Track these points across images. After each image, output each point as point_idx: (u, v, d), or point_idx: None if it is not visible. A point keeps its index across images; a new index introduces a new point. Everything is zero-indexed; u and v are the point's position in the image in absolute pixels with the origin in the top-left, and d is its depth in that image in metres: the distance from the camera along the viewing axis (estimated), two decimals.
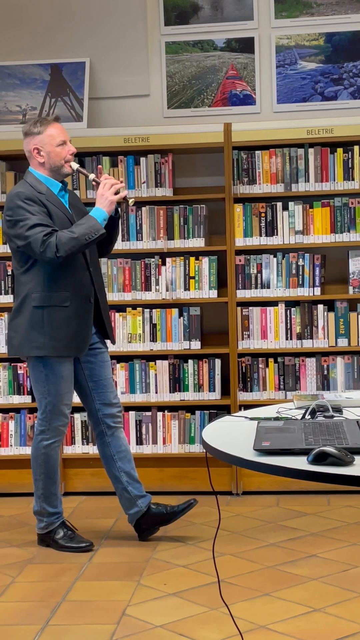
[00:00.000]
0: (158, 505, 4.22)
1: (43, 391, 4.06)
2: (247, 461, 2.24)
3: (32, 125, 4.06)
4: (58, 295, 3.98)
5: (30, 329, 3.99)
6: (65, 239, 3.86)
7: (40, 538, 4.22)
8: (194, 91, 5.22)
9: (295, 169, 4.90)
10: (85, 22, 5.22)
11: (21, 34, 5.25)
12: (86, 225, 3.91)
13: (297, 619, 3.31)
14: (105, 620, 3.36)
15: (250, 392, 4.94)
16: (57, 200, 4.04)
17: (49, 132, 4.02)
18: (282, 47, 5.15)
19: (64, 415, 4.11)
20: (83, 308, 4.02)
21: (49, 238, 3.85)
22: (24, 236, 3.90)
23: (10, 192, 4.03)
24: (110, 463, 4.18)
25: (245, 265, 4.93)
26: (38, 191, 3.99)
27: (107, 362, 4.19)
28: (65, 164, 4.04)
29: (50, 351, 3.98)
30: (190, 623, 3.31)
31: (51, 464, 4.13)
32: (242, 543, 4.16)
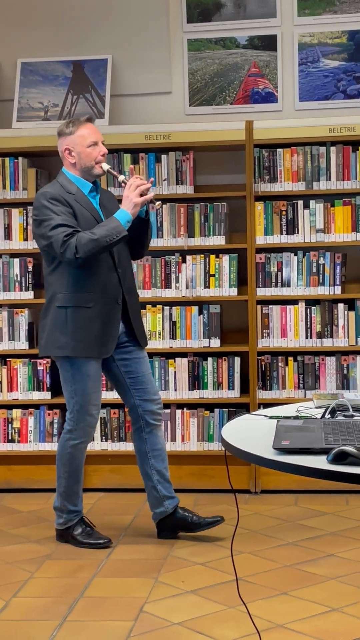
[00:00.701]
0: (185, 510, 4.22)
1: (70, 390, 4.07)
2: (267, 460, 2.24)
3: (64, 125, 4.06)
4: (82, 296, 3.97)
5: (53, 329, 4.00)
6: (85, 240, 3.84)
7: (58, 534, 4.24)
8: (216, 89, 5.22)
9: (317, 167, 4.89)
10: (108, 20, 5.23)
11: (44, 31, 5.26)
12: (108, 227, 3.89)
13: (314, 618, 3.30)
14: (123, 617, 3.37)
15: (269, 391, 4.93)
16: (86, 201, 4.02)
17: (80, 132, 4.02)
18: (305, 45, 5.14)
19: (91, 415, 4.11)
20: (109, 309, 4.00)
21: (69, 239, 3.85)
22: (46, 236, 3.90)
23: (39, 191, 4.04)
24: (143, 459, 4.18)
25: (265, 263, 4.92)
26: (68, 191, 3.98)
27: (144, 358, 4.16)
28: (95, 165, 4.03)
29: (71, 352, 3.99)
30: (208, 621, 3.31)
31: (76, 463, 4.14)
32: (260, 541, 4.16)
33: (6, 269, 5.06)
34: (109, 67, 5.15)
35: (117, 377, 4.16)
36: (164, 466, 4.19)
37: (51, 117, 5.13)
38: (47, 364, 5.05)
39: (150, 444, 4.16)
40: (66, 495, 4.16)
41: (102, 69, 5.16)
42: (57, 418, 5.04)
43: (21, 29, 5.27)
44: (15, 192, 5.05)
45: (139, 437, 4.18)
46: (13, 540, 4.29)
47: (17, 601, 3.56)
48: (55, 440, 5.03)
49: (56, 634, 3.24)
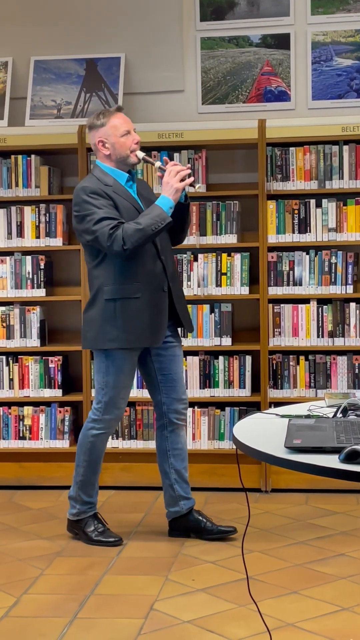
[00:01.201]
0: (200, 514, 4.22)
1: (102, 382, 4.07)
2: (278, 459, 2.23)
3: (94, 118, 4.04)
4: (130, 287, 3.96)
5: (103, 322, 3.98)
6: (131, 231, 3.82)
7: (70, 524, 4.23)
8: (229, 87, 5.21)
9: (329, 166, 4.88)
10: (121, 18, 5.23)
11: (57, 29, 5.27)
12: (151, 215, 3.87)
13: (325, 617, 3.30)
14: (133, 614, 3.37)
15: (280, 390, 4.93)
16: (124, 191, 4.01)
17: (112, 122, 4.01)
18: (318, 44, 5.13)
19: (118, 409, 4.11)
20: (156, 298, 4.00)
21: (115, 231, 3.83)
22: (91, 230, 3.89)
23: (76, 187, 4.02)
24: (163, 457, 4.18)
25: (277, 262, 4.92)
26: (105, 183, 3.96)
27: (179, 356, 4.16)
28: (130, 154, 4.02)
29: (122, 343, 3.97)
30: (218, 619, 3.31)
31: (96, 453, 4.14)
32: (271, 540, 4.16)
33: (18, 267, 5.07)
34: (122, 65, 5.15)
35: (149, 371, 4.15)
36: (183, 466, 4.19)
37: (64, 115, 5.14)
38: (59, 361, 5.06)
39: (172, 443, 4.17)
40: (82, 485, 4.16)
41: (115, 67, 5.17)
42: (68, 415, 5.05)
43: (34, 27, 5.28)
44: (28, 190, 5.06)
45: (161, 435, 4.18)
46: (24, 537, 4.30)
47: (28, 598, 3.57)
48: (67, 437, 5.04)
49: (66, 631, 3.24)
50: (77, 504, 4.19)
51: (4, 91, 5.21)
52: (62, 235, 5.06)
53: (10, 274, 5.07)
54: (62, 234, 5.06)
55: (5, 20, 5.31)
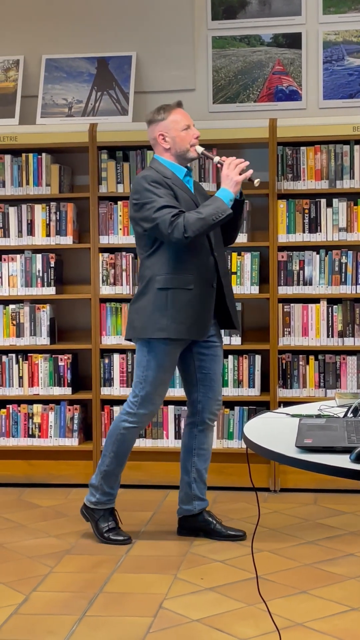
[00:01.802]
0: (210, 515, 4.21)
1: (141, 376, 4.06)
2: (289, 458, 2.23)
3: (155, 112, 4.07)
4: (182, 278, 3.96)
5: (153, 311, 3.96)
6: (193, 220, 3.83)
7: (85, 508, 4.21)
8: (240, 86, 5.21)
9: (340, 165, 4.87)
10: (133, 16, 5.23)
11: (68, 27, 5.28)
12: (213, 205, 3.87)
13: (334, 617, 3.30)
14: (142, 612, 3.38)
15: (290, 389, 4.93)
16: (183, 185, 4.02)
17: (173, 117, 4.03)
18: (330, 43, 5.12)
19: (154, 404, 4.10)
20: (206, 292, 4.00)
21: (176, 219, 3.83)
22: (151, 218, 3.89)
23: (137, 176, 4.02)
24: (187, 454, 4.18)
25: (287, 261, 4.92)
26: (164, 175, 3.98)
27: (220, 356, 4.17)
28: (190, 148, 4.04)
29: (172, 333, 3.96)
30: (227, 618, 3.31)
31: (125, 445, 4.13)
32: (280, 540, 4.16)
33: (29, 265, 5.07)
34: (133, 64, 5.15)
35: (189, 368, 4.15)
36: (205, 467, 4.19)
37: (75, 114, 5.14)
38: (69, 359, 5.07)
39: (199, 442, 4.17)
40: (106, 475, 4.14)
41: (126, 66, 5.17)
42: (77, 414, 5.06)
43: (46, 25, 5.29)
44: (39, 188, 5.07)
45: (190, 432, 4.18)
46: (33, 535, 4.31)
47: (37, 595, 3.57)
48: (76, 435, 5.05)
49: (76, 628, 3.25)
50: (97, 492, 4.17)
51: (15, 89, 5.21)
52: (73, 234, 5.06)
53: (21, 272, 5.08)
54: (73, 232, 5.06)
55: (17, 19, 5.32)
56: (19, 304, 5.10)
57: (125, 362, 5.03)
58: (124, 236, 5.02)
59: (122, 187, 5.00)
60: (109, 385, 5.05)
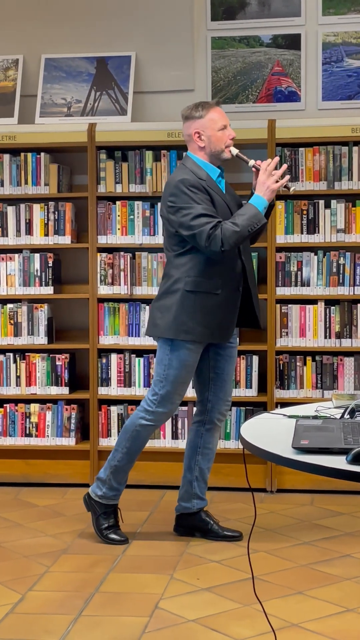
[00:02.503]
0: (207, 515, 4.22)
1: (162, 374, 4.04)
2: (286, 459, 2.24)
3: (193, 109, 4.03)
4: (211, 282, 3.95)
5: (180, 312, 3.94)
6: (230, 232, 3.81)
7: (89, 498, 4.18)
8: (239, 87, 5.22)
9: (339, 167, 4.88)
10: (132, 16, 5.23)
11: (68, 27, 5.28)
12: (248, 215, 3.85)
13: (330, 618, 3.30)
14: (138, 612, 3.38)
15: (287, 390, 4.93)
16: (217, 187, 4.00)
17: (211, 116, 4.00)
18: (329, 44, 5.13)
19: (172, 403, 4.08)
20: (232, 297, 4.00)
21: (214, 231, 3.81)
22: (188, 225, 3.86)
23: (173, 177, 3.97)
24: (192, 452, 4.19)
25: (285, 262, 4.92)
26: (199, 177, 3.94)
27: (234, 357, 4.17)
28: (225, 149, 4.01)
29: (196, 337, 3.95)
30: (223, 618, 3.31)
31: (138, 443, 4.11)
32: (276, 540, 4.16)
33: (27, 264, 5.08)
34: (133, 64, 5.16)
35: (202, 367, 4.14)
36: (208, 467, 4.20)
37: (74, 113, 5.15)
38: (66, 359, 5.07)
39: (205, 441, 4.17)
40: (116, 470, 4.13)
41: (125, 66, 5.17)
42: (74, 413, 5.06)
43: (45, 25, 5.29)
44: (37, 188, 5.07)
45: (197, 431, 4.18)
46: (29, 534, 4.31)
47: (33, 595, 3.58)
48: (73, 435, 5.05)
49: (72, 628, 3.25)
50: (104, 486, 4.15)
51: (15, 89, 5.22)
52: (71, 233, 5.06)
53: (19, 271, 5.08)
54: (71, 232, 5.06)
55: (17, 18, 5.32)
56: (17, 304, 5.10)
57: (123, 362, 5.03)
58: (122, 236, 5.02)
59: (120, 187, 5.01)
60: (106, 385, 5.05)
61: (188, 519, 4.22)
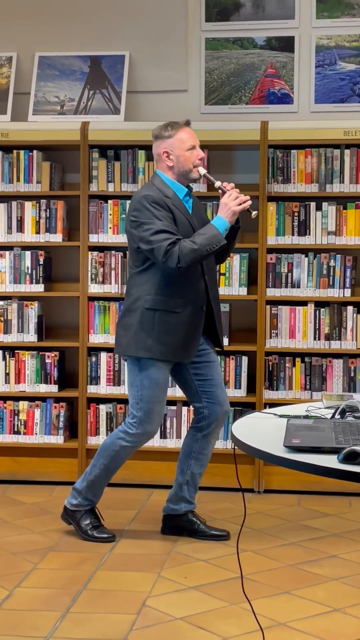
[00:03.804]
0: (195, 516, 4.23)
1: (137, 396, 4.05)
2: (277, 457, 2.25)
3: (162, 129, 4.06)
4: (171, 301, 3.96)
5: (139, 330, 3.97)
6: (187, 250, 3.82)
7: (66, 512, 4.22)
8: (232, 88, 5.23)
9: (331, 169, 4.90)
10: (126, 16, 5.24)
11: (62, 25, 5.28)
12: (208, 235, 3.87)
13: (316, 617, 3.32)
14: (126, 610, 3.39)
15: (276, 391, 4.95)
16: (182, 206, 4.02)
17: (180, 136, 4.02)
18: (322, 47, 5.15)
19: (152, 425, 4.07)
20: (195, 315, 4.00)
21: (172, 247, 3.82)
22: (147, 240, 3.88)
23: (138, 193, 4.00)
24: (186, 456, 4.19)
25: (276, 263, 4.94)
26: (165, 195, 3.97)
27: (215, 362, 4.17)
28: (193, 169, 4.03)
29: (155, 354, 3.96)
30: (210, 617, 3.33)
31: (117, 461, 4.14)
32: (263, 540, 4.17)
33: (17, 261, 5.08)
34: (126, 64, 5.17)
35: (186, 380, 4.15)
36: (200, 472, 4.21)
37: (67, 112, 5.15)
38: (55, 357, 5.07)
39: (200, 447, 4.18)
40: (92, 485, 4.15)
41: (119, 65, 5.18)
42: (63, 411, 5.06)
43: (39, 23, 5.29)
44: (29, 185, 5.07)
45: (193, 436, 4.19)
46: (17, 531, 4.31)
47: (21, 591, 3.58)
48: (61, 433, 5.05)
49: (59, 624, 3.26)
50: (79, 496, 4.19)
51: (8, 86, 5.22)
52: (62, 232, 5.07)
53: (9, 268, 5.08)
54: (62, 230, 5.07)
55: (11, 16, 5.32)
56: (7, 301, 5.10)
57: (112, 361, 5.04)
58: (113, 235, 5.03)
59: (112, 186, 5.01)
60: (95, 384, 5.05)
61: (175, 520, 4.23)
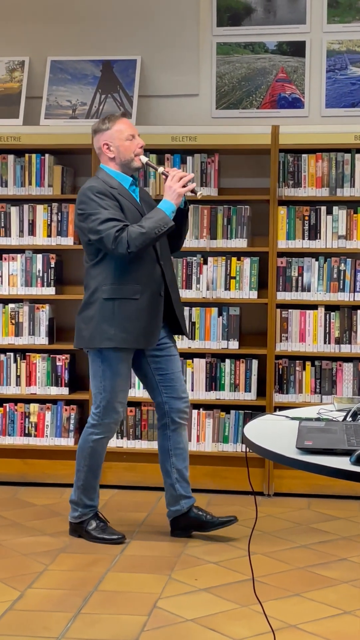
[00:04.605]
0: (199, 510, 4.25)
1: (99, 386, 4.11)
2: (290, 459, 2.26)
3: (100, 122, 4.13)
4: (128, 288, 4.01)
5: (101, 321, 4.02)
6: (136, 234, 3.88)
7: (72, 527, 4.27)
8: (243, 92, 5.25)
9: (341, 173, 4.91)
10: (138, 21, 5.27)
11: (74, 30, 5.31)
12: (155, 218, 3.94)
13: (327, 620, 3.33)
14: (137, 611, 3.40)
15: (286, 394, 4.96)
16: (129, 194, 4.07)
17: (117, 127, 4.08)
18: (333, 52, 5.16)
19: (116, 412, 4.14)
20: (153, 301, 4.05)
21: (120, 234, 3.89)
22: (95, 230, 3.94)
23: (83, 187, 4.07)
24: (165, 456, 4.22)
25: (286, 267, 4.95)
26: (110, 186, 4.03)
27: (175, 356, 4.21)
28: (135, 158, 4.09)
29: (119, 342, 4.01)
30: (221, 618, 3.34)
31: (96, 458, 4.18)
32: (274, 543, 4.18)
33: (29, 264, 5.10)
34: (138, 68, 5.19)
35: (146, 373, 4.20)
36: (184, 465, 4.22)
37: (79, 116, 5.18)
38: (66, 359, 5.09)
39: (174, 442, 4.20)
40: (84, 489, 4.20)
41: (131, 70, 5.20)
42: (74, 414, 5.08)
43: (52, 27, 5.32)
44: (41, 189, 5.10)
45: (163, 434, 4.22)
46: (28, 533, 4.33)
47: (32, 592, 3.60)
48: (72, 435, 5.07)
49: (71, 625, 3.27)
50: (78, 507, 4.23)
51: (20, 90, 5.24)
52: (73, 235, 5.09)
53: (21, 271, 5.11)
54: (73, 233, 5.09)
55: (23, 20, 5.35)
56: (19, 304, 5.12)
57: None
58: None
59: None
60: None
61: (181, 519, 4.24)
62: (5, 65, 5.31)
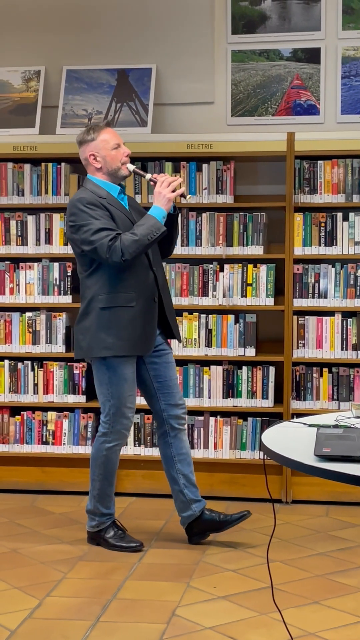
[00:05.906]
0: (212, 511, 4.25)
1: (107, 393, 4.12)
2: (309, 466, 2.26)
3: (84, 133, 4.17)
4: (123, 296, 4.05)
5: (98, 331, 4.05)
6: (129, 242, 3.93)
7: (90, 536, 4.27)
8: (258, 100, 5.25)
9: (357, 179, 4.90)
10: (153, 29, 5.28)
11: (90, 39, 5.33)
12: (146, 225, 3.98)
13: (346, 627, 3.32)
14: (156, 619, 3.40)
15: (303, 401, 4.95)
16: (118, 203, 4.12)
17: (102, 137, 4.12)
18: (348, 59, 5.16)
19: (126, 418, 4.16)
20: (148, 308, 4.08)
21: (114, 242, 3.93)
22: (89, 241, 3.98)
23: (72, 198, 4.12)
24: (169, 464, 4.22)
25: (303, 274, 4.95)
26: (99, 196, 4.07)
27: (172, 363, 4.24)
28: (122, 166, 4.12)
29: (118, 351, 4.04)
30: (240, 626, 3.33)
31: (110, 466, 4.19)
32: (292, 551, 4.17)
33: (46, 273, 5.12)
34: (153, 76, 5.20)
35: (145, 380, 4.22)
36: (190, 470, 4.23)
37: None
38: (84, 367, 5.10)
39: (176, 449, 4.21)
40: (100, 498, 4.20)
41: (146, 78, 5.22)
42: (91, 422, 5.09)
43: (67, 36, 5.34)
44: (57, 197, 5.11)
45: (165, 442, 4.23)
46: (46, 541, 4.33)
47: (51, 600, 3.60)
48: (89, 443, 5.08)
49: (89, 633, 3.27)
50: (95, 516, 4.23)
51: (36, 99, 5.27)
52: None
53: (38, 280, 5.12)
54: None
55: (39, 30, 5.37)
56: (36, 312, 5.14)
57: None
58: None
59: (139, 198, 5.04)
60: None
61: (196, 524, 4.24)
62: (21, 75, 5.34)
